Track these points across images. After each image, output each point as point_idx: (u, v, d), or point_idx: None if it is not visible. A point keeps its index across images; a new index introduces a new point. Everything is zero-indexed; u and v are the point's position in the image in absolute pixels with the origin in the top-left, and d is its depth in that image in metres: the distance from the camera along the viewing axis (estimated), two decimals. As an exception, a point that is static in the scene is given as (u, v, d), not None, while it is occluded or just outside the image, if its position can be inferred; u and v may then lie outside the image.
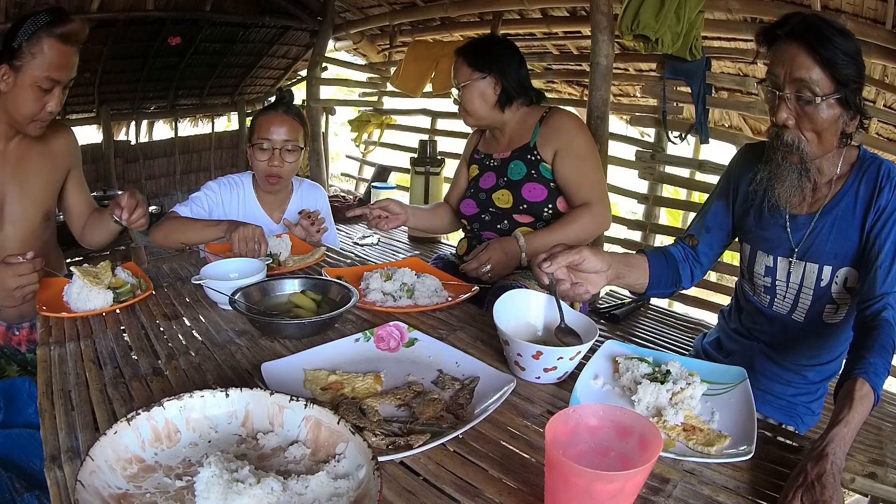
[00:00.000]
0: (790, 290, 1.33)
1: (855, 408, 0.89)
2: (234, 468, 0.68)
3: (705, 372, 1.04)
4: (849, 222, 1.24)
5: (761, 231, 1.35)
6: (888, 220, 1.19)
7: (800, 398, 1.38)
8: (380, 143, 5.30)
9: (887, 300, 1.11)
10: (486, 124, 1.93)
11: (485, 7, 3.75)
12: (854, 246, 1.24)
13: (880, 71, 2.75)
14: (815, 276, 1.28)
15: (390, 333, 1.15)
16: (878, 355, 0.99)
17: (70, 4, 3.79)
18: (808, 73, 1.11)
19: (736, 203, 1.41)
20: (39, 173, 1.68)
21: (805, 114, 1.15)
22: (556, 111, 1.87)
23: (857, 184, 1.23)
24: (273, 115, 1.90)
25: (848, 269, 1.25)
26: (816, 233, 1.27)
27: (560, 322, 1.09)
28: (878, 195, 1.20)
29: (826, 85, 1.11)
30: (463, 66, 1.86)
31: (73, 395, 0.95)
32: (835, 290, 1.28)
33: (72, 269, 1.33)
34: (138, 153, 5.57)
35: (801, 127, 1.17)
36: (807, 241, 1.28)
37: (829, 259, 1.27)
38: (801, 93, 1.13)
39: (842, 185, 1.25)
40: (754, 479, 0.80)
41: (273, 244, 1.67)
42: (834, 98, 1.13)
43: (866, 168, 1.24)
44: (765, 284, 1.37)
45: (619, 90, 4.17)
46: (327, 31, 4.83)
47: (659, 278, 1.35)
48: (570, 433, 0.74)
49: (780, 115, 1.16)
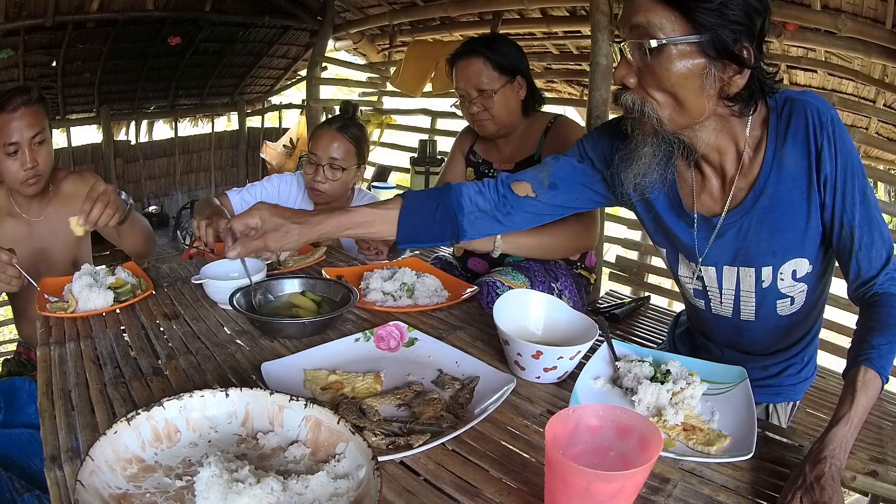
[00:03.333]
0: (725, 295, 1.13)
1: (857, 400, 0.82)
2: (234, 468, 0.68)
3: (705, 372, 1.04)
4: (782, 211, 1.01)
5: (670, 235, 1.14)
6: (845, 186, 0.95)
7: (785, 375, 1.25)
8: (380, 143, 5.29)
9: (879, 279, 0.97)
10: (505, 132, 1.79)
11: (484, 7, 3.75)
12: (798, 235, 1.02)
13: (880, 70, 2.75)
14: (754, 279, 1.08)
15: (390, 333, 1.15)
16: (882, 334, 0.89)
17: (70, 4, 3.79)
18: (646, 15, 0.88)
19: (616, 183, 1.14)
20: (58, 232, 1.76)
21: (646, 67, 0.91)
22: (561, 122, 1.77)
23: (781, 153, 0.97)
24: (326, 130, 1.89)
25: (795, 261, 1.05)
26: (743, 234, 1.04)
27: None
28: (818, 161, 0.95)
29: (675, 27, 0.87)
30: (488, 70, 1.69)
31: (73, 395, 0.95)
32: (783, 286, 1.08)
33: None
34: (138, 153, 5.57)
35: (645, 85, 0.93)
36: (730, 246, 1.07)
37: (765, 259, 1.05)
38: (641, 41, 0.89)
39: (760, 167, 1.00)
40: (754, 479, 0.80)
41: None
42: (688, 43, 0.87)
43: (786, 124, 0.97)
44: (694, 288, 1.18)
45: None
46: (327, 31, 4.82)
47: (416, 234, 1.16)
48: (570, 433, 0.74)
49: (617, 73, 0.93)
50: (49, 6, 3.67)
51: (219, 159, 6.21)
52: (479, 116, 1.73)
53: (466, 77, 1.71)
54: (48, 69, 4.29)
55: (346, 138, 1.88)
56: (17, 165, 1.60)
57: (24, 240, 1.70)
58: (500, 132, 1.78)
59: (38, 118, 1.62)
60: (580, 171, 1.18)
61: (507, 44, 1.75)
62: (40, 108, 1.64)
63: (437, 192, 1.19)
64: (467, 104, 1.74)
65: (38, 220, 1.74)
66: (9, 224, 1.71)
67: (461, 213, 1.17)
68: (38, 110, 1.63)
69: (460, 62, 1.73)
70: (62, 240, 1.78)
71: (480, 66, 1.68)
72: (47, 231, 1.75)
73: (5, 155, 1.58)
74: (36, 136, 1.61)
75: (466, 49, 1.73)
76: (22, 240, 1.69)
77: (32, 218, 1.74)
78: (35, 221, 1.74)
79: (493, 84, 1.69)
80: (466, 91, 1.72)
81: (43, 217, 1.75)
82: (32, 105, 1.60)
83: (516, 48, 1.75)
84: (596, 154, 1.18)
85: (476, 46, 1.72)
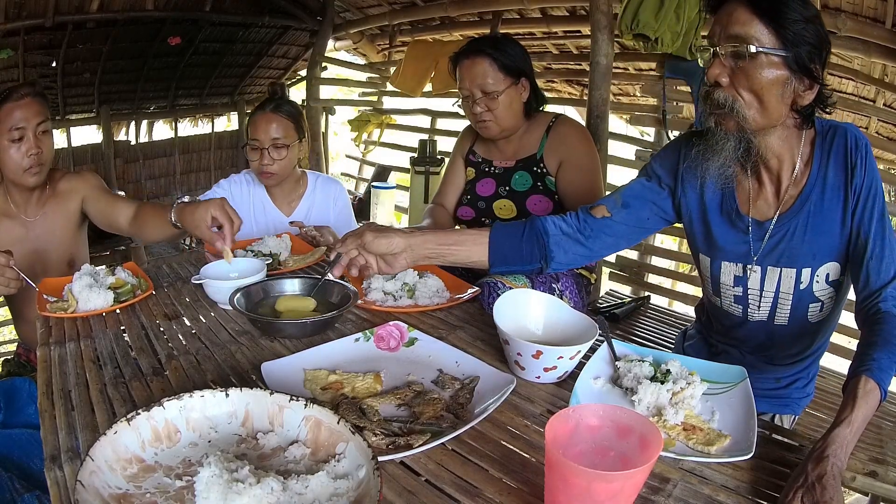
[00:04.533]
0: (765, 297, 1.23)
1: (858, 406, 0.86)
2: (234, 468, 0.68)
3: (705, 371, 1.04)
4: (824, 217, 1.13)
5: (723, 240, 1.24)
6: (867, 201, 1.09)
7: (793, 388, 1.35)
8: (380, 143, 5.29)
9: (886, 292, 1.05)
10: (508, 134, 1.78)
11: (484, 6, 3.75)
12: (835, 240, 1.13)
13: (880, 70, 2.75)
14: (794, 280, 1.18)
15: (390, 333, 1.15)
16: (883, 350, 0.95)
17: (70, 4, 3.79)
18: (744, 28, 1.02)
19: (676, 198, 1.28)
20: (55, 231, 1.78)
21: (740, 70, 1.03)
22: (563, 121, 1.78)
23: (825, 168, 1.12)
24: (260, 114, 1.92)
25: (830, 265, 1.16)
26: (789, 235, 1.16)
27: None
28: (852, 175, 1.10)
29: (765, 40, 1.01)
30: (493, 71, 1.66)
31: (73, 395, 0.95)
32: (817, 288, 1.18)
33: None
34: (138, 153, 5.58)
35: (737, 85, 1.05)
36: (778, 247, 1.18)
37: (806, 261, 1.17)
38: (737, 47, 1.02)
39: (807, 179, 1.14)
40: (754, 479, 0.80)
41: (273, 244, 1.67)
42: (777, 55, 1.01)
43: (829, 143, 1.12)
44: (735, 294, 1.26)
45: (618, 89, 4.17)
46: (327, 31, 4.82)
47: (506, 255, 1.25)
48: (570, 433, 0.74)
49: (712, 72, 1.05)
50: (49, 6, 3.68)
51: (219, 159, 6.21)
52: (481, 118, 1.72)
53: (471, 77, 1.69)
54: (48, 69, 4.30)
55: (283, 116, 1.91)
56: (21, 153, 1.63)
57: (21, 240, 1.70)
58: (503, 134, 1.77)
59: (42, 108, 1.68)
60: (648, 188, 1.30)
61: (512, 44, 1.74)
62: (44, 101, 1.70)
63: (522, 220, 1.30)
64: (470, 104, 1.73)
65: (34, 219, 1.74)
66: (5, 224, 1.71)
67: (546, 235, 1.26)
68: (42, 102, 1.69)
69: (465, 61, 1.71)
70: (59, 239, 1.78)
71: (486, 66, 1.67)
72: (44, 230, 1.76)
73: (9, 142, 1.61)
74: (41, 125, 1.65)
75: (472, 48, 1.71)
76: (19, 240, 1.69)
77: (29, 218, 1.74)
78: (31, 221, 1.74)
79: (498, 85, 1.67)
80: (471, 91, 1.70)
81: (40, 216, 1.75)
82: (37, 96, 1.66)
83: (521, 49, 1.75)
84: (664, 168, 1.29)
85: (482, 46, 1.70)
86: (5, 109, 1.61)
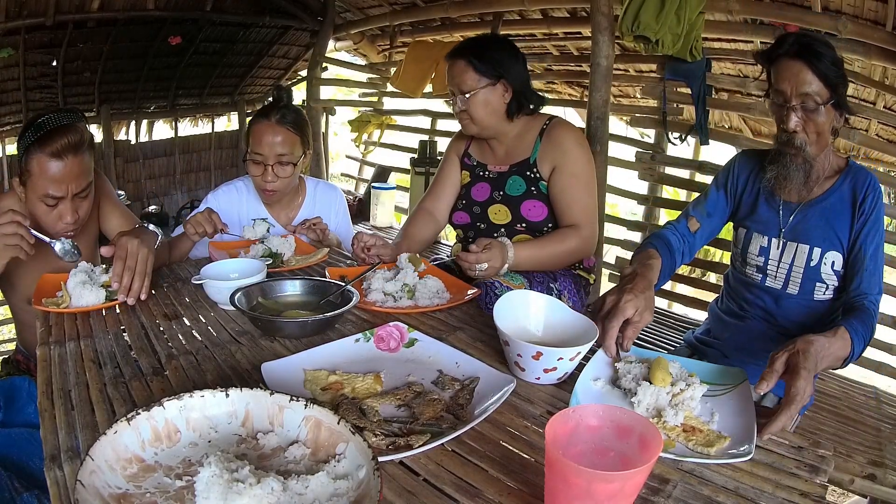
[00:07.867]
0: (781, 267, 1.55)
1: (837, 339, 1.10)
2: (234, 468, 0.68)
3: (705, 373, 1.04)
4: (836, 214, 1.46)
5: (758, 216, 1.57)
6: (871, 227, 1.43)
7: None
8: (380, 144, 5.29)
9: (869, 298, 1.37)
10: (490, 134, 1.79)
11: (485, 7, 3.75)
12: (842, 235, 1.45)
13: (880, 72, 2.76)
14: (806, 256, 1.50)
15: (390, 334, 1.15)
16: (860, 322, 1.23)
17: (70, 4, 3.79)
18: (810, 86, 1.35)
19: (735, 196, 1.62)
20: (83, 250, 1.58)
21: (810, 120, 1.39)
22: (558, 124, 1.76)
23: (844, 185, 1.47)
24: (266, 124, 1.77)
25: (835, 254, 1.47)
26: (808, 218, 1.49)
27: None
28: (863, 200, 1.43)
29: (824, 94, 1.36)
30: (469, 72, 1.70)
31: (73, 394, 0.95)
32: (824, 271, 1.49)
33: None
34: (138, 153, 5.57)
35: (807, 130, 1.40)
36: (799, 225, 1.50)
37: (817, 241, 1.48)
38: (806, 103, 1.37)
39: (831, 184, 1.49)
40: (754, 480, 0.80)
41: (277, 244, 1.67)
42: (832, 104, 1.37)
43: (854, 174, 1.47)
44: (757, 264, 1.58)
45: (619, 91, 4.18)
46: (327, 32, 4.82)
47: (664, 276, 1.45)
48: (570, 433, 0.74)
49: (791, 124, 1.39)
50: (49, 5, 3.67)
51: (219, 159, 6.20)
52: (459, 115, 1.77)
53: (451, 76, 1.75)
54: (48, 68, 4.29)
55: (289, 129, 1.78)
56: (53, 217, 1.41)
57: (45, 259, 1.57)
58: (483, 133, 1.79)
59: (87, 169, 1.42)
60: (721, 197, 1.64)
61: (497, 47, 1.74)
62: (90, 155, 1.43)
63: (657, 239, 1.52)
64: (452, 102, 1.78)
65: None
66: None
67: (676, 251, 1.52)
68: (87, 159, 1.42)
69: (449, 61, 1.77)
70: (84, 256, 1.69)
71: (462, 67, 1.71)
72: None
73: (41, 202, 1.39)
74: (82, 192, 1.42)
75: (455, 49, 1.77)
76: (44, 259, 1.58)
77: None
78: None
79: (473, 85, 1.70)
80: (451, 90, 1.77)
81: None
82: (82, 153, 1.39)
83: (509, 52, 1.74)
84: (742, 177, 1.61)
85: (465, 47, 1.76)
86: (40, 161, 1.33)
